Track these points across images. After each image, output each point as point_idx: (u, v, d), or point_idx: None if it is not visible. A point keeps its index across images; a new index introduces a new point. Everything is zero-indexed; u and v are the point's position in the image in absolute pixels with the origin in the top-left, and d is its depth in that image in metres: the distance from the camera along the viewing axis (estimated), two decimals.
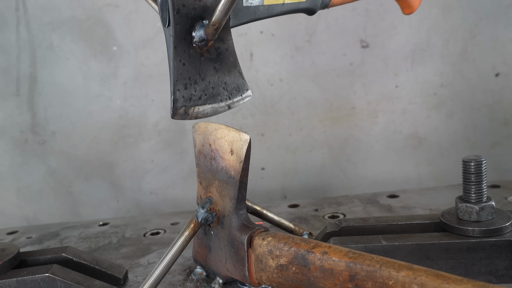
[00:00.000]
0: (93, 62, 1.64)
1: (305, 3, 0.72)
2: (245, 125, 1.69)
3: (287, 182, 1.75)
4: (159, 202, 1.74)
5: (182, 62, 0.62)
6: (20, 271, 0.64)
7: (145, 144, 1.70)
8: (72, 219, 1.73)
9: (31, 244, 1.02)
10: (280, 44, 1.66)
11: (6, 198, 1.71)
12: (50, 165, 1.70)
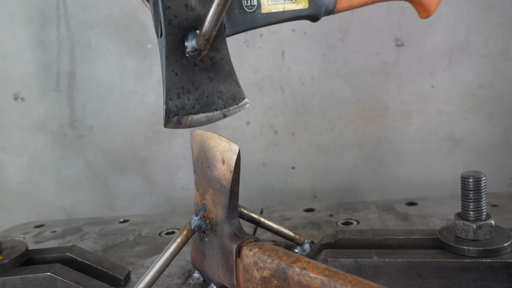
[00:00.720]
0: (129, 59, 1.68)
1: (307, 10, 0.71)
2: (275, 123, 1.68)
3: (317, 182, 1.73)
4: (190, 198, 1.77)
5: (175, 72, 0.63)
6: (25, 269, 0.68)
7: (178, 141, 1.73)
8: (107, 211, 1.79)
9: (54, 239, 1.07)
10: (312, 43, 1.64)
11: (46, 190, 1.79)
12: (87, 158, 1.76)
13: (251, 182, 1.75)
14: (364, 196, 1.71)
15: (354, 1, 0.74)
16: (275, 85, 1.67)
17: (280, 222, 1.01)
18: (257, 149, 1.72)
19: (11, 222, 1.79)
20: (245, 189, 1.75)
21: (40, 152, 1.76)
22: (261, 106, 1.69)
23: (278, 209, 1.11)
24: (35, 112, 1.73)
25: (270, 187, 1.76)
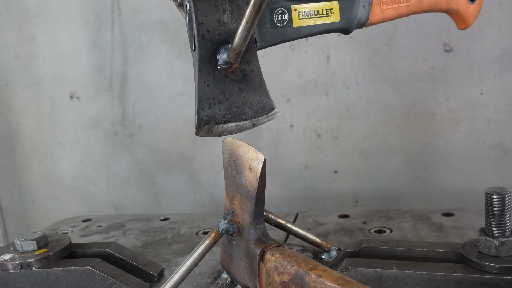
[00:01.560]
0: (177, 61, 1.74)
1: (338, 24, 0.72)
2: (319, 127, 1.69)
3: (360, 187, 1.73)
4: None
5: (207, 83, 0.66)
6: (67, 262, 0.73)
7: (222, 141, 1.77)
8: (153, 208, 1.86)
9: (99, 233, 1.13)
10: (357, 47, 1.63)
11: (98, 184, 1.88)
12: (136, 156, 1.83)
13: (293, 185, 1.76)
14: (407, 203, 1.69)
15: (387, 14, 0.74)
16: (320, 89, 1.67)
17: (313, 227, 1.02)
18: (300, 152, 1.73)
19: (64, 215, 1.89)
20: (287, 191, 1.77)
21: (92, 148, 1.85)
22: (305, 109, 1.70)
23: (313, 214, 1.12)
24: (89, 111, 1.82)
25: (312, 190, 1.77)
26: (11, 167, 1.92)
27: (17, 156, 1.91)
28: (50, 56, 1.80)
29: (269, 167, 1.76)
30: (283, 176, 1.76)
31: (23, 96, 1.85)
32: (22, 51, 1.81)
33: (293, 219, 1.08)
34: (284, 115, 1.72)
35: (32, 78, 1.83)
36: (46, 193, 1.93)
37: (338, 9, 0.72)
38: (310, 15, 0.70)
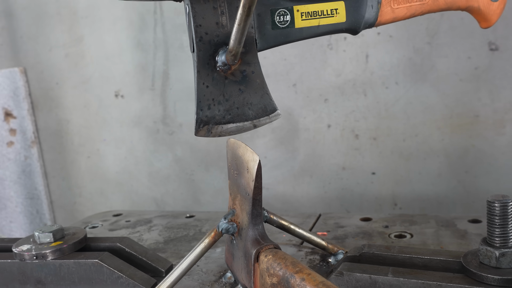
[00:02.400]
0: None
1: (344, 24, 0.71)
2: (357, 127, 1.66)
3: (399, 190, 1.68)
4: (269, 197, 1.81)
5: (206, 85, 0.67)
6: (79, 254, 0.76)
7: (260, 141, 1.78)
8: (192, 205, 1.90)
9: (126, 228, 1.17)
10: (398, 46, 1.59)
11: (140, 180, 1.94)
12: (176, 153, 1.88)
13: (330, 186, 1.75)
14: (449, 208, 1.63)
15: (399, 14, 0.72)
16: (358, 88, 1.64)
17: (333, 229, 1.01)
18: (337, 153, 1.71)
19: (108, 208, 1.97)
20: (323, 192, 1.76)
21: (135, 145, 1.91)
22: (343, 109, 1.68)
23: (335, 216, 1.10)
24: (132, 109, 1.88)
25: (349, 191, 1.74)
26: (60, 162, 2.02)
27: (66, 151, 2.00)
28: (97, 56, 1.87)
29: (305, 167, 1.75)
30: (320, 176, 1.75)
31: (72, 94, 1.93)
32: (71, 51, 1.90)
33: (315, 220, 1.08)
34: (322, 115, 1.70)
35: (81, 77, 1.91)
36: (92, 187, 2.01)
37: (344, 9, 0.70)
38: (313, 16, 0.69)
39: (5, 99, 1.95)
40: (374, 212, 1.74)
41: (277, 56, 1.71)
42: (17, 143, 1.99)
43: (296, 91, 1.71)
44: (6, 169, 2.01)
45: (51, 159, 2.03)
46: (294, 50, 1.69)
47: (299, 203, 1.79)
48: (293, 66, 1.70)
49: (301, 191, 1.78)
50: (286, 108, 1.73)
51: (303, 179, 1.77)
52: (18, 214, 2.04)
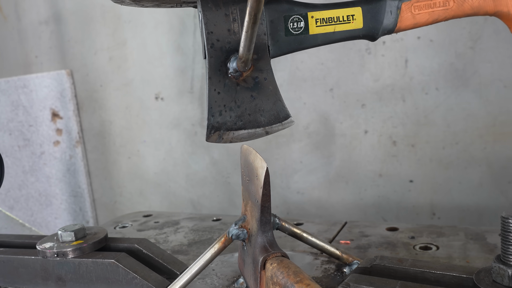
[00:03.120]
0: None
1: (361, 30, 0.69)
2: (394, 134, 1.62)
3: (437, 199, 1.63)
4: (304, 202, 1.80)
5: (217, 91, 0.67)
6: (98, 254, 0.78)
7: (296, 145, 1.77)
8: (228, 207, 1.91)
9: (154, 228, 1.19)
10: (438, 51, 1.55)
11: (178, 182, 1.97)
12: (213, 156, 1.90)
13: (366, 192, 1.71)
14: (490, 220, 1.57)
15: (420, 20, 0.69)
16: (396, 94, 1.61)
17: (356, 238, 0.99)
18: (374, 159, 1.68)
19: (147, 208, 2.01)
20: (359, 198, 1.73)
21: (174, 147, 1.94)
22: (380, 115, 1.64)
23: (361, 224, 1.08)
24: (171, 111, 1.92)
25: (385, 199, 1.70)
26: (103, 161, 2.09)
27: (108, 152, 2.06)
28: (138, 59, 1.92)
29: (341, 172, 1.72)
30: (355, 183, 1.72)
31: (114, 96, 1.99)
32: (114, 54, 1.95)
33: (340, 228, 1.06)
34: (359, 120, 1.68)
35: (123, 79, 1.96)
36: (132, 187, 2.06)
37: (361, 15, 0.69)
38: (329, 22, 0.68)
39: (53, 100, 2.03)
40: (411, 221, 1.69)
41: (314, 60, 1.70)
42: (63, 142, 2.07)
43: (333, 95, 1.69)
44: (52, 167, 2.09)
45: (94, 158, 2.09)
46: (331, 55, 1.67)
47: (334, 209, 1.77)
48: (330, 71, 1.68)
49: (337, 197, 1.76)
50: (322, 113, 1.71)
51: (339, 185, 1.75)
52: (62, 211, 2.12)
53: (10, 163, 2.18)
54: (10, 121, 2.13)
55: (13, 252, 0.81)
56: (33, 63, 2.11)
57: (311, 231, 1.06)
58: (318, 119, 1.73)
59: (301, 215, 1.83)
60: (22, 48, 2.13)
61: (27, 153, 2.13)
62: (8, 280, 0.82)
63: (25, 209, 2.19)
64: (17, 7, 2.07)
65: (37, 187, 2.15)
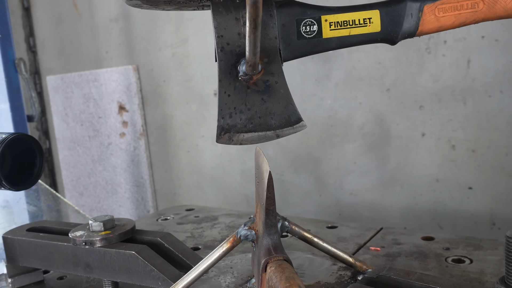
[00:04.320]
0: (310, 63, 1.76)
1: (379, 34, 0.66)
2: (453, 138, 1.55)
3: (498, 208, 1.54)
4: (357, 204, 1.77)
5: (227, 93, 0.67)
6: (122, 245, 0.82)
7: (350, 145, 1.74)
8: (280, 205, 1.91)
9: (192, 223, 1.22)
10: (504, 51, 1.46)
11: (233, 177, 2.01)
12: (268, 153, 1.91)
13: (421, 197, 1.65)
14: None
15: (445, 22, 0.65)
16: (457, 96, 1.53)
17: (388, 245, 0.96)
18: (431, 163, 1.61)
19: (204, 201, 2.07)
20: (414, 203, 1.67)
21: None
22: (439, 118, 1.57)
23: (396, 231, 1.04)
24: None
25: (442, 205, 1.63)
26: (164, 154, 2.17)
27: (169, 145, 2.14)
28: (199, 56, 1.97)
29: (396, 176, 1.67)
30: (411, 187, 1.66)
31: (176, 91, 2.06)
32: (177, 51, 2.02)
33: (374, 234, 1.03)
34: (416, 122, 1.62)
35: (184, 75, 2.02)
36: (190, 180, 2.12)
37: (379, 18, 0.66)
38: (343, 26, 0.66)
39: (120, 94, 2.14)
40: (469, 230, 1.61)
41: (371, 59, 1.66)
42: (128, 134, 2.17)
43: (389, 96, 1.64)
44: (118, 157, 2.20)
45: (156, 151, 2.18)
46: (389, 54, 1.62)
47: (387, 213, 1.72)
48: (387, 70, 1.63)
49: (390, 200, 1.71)
50: (378, 114, 1.67)
51: (393, 188, 1.70)
52: (126, 199, 2.23)
53: (81, 152, 2.33)
54: (82, 113, 2.27)
55: (49, 238, 0.87)
56: (103, 58, 2.23)
57: (345, 235, 1.05)
58: (373, 119, 1.69)
59: (353, 218, 1.80)
60: (94, 44, 2.26)
61: (96, 143, 2.26)
62: (45, 263, 0.88)
63: (93, 196, 2.33)
64: (91, 5, 2.19)
65: (104, 176, 2.27)
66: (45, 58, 2.52)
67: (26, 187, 0.85)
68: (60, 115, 2.36)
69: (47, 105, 2.51)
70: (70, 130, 2.33)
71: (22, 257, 0.89)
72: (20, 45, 2.46)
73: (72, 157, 2.36)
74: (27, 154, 0.88)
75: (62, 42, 2.42)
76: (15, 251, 0.90)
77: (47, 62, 2.52)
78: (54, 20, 2.45)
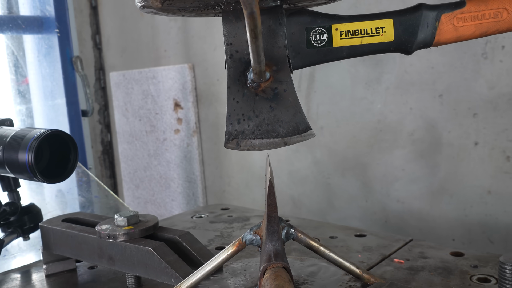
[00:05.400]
0: (361, 66, 1.73)
1: (392, 44, 0.63)
2: (509, 148, 1.47)
3: None
4: (404, 212, 1.72)
5: (236, 100, 0.68)
6: (142, 240, 0.84)
7: (399, 151, 1.70)
8: (326, 208, 1.90)
9: (224, 222, 1.24)
10: None
11: (280, 178, 2.01)
12: (315, 155, 1.90)
13: (471, 209, 1.58)
14: None
15: (465, 32, 0.62)
16: None
17: (413, 259, 0.92)
18: (483, 174, 1.54)
19: (251, 200, 2.09)
20: (464, 215, 1.60)
21: None
22: (494, 126, 1.50)
23: (425, 244, 1.00)
24: None
25: (493, 218, 1.55)
26: (215, 151, 2.21)
27: (220, 142, 2.18)
28: None
29: (446, 186, 1.61)
30: (461, 197, 1.59)
31: None
32: None
33: (401, 245, 1.00)
34: (469, 130, 1.55)
35: None
36: (239, 178, 2.15)
37: (392, 27, 0.64)
38: (355, 35, 0.65)
39: (176, 92, 2.20)
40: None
41: (424, 63, 1.60)
42: (182, 131, 2.23)
43: (442, 102, 1.58)
44: (172, 153, 2.27)
45: (208, 148, 2.23)
46: (443, 58, 1.56)
47: (435, 223, 1.66)
48: (440, 75, 1.58)
49: (439, 210, 1.65)
50: (429, 120, 1.62)
51: (442, 198, 1.63)
52: (178, 194, 2.30)
53: (139, 146, 2.43)
54: (141, 108, 2.36)
55: (79, 229, 0.92)
56: (162, 57, 2.31)
57: (371, 244, 1.02)
58: (424, 126, 1.63)
59: (399, 226, 1.75)
60: (154, 42, 2.34)
61: (152, 139, 2.34)
62: (74, 253, 0.93)
63: (148, 189, 2.42)
64: None
65: (159, 170, 2.35)
66: (109, 55, 2.64)
67: (59, 181, 0.91)
68: (120, 110, 2.46)
69: (109, 100, 2.64)
70: (129, 125, 2.43)
71: (55, 246, 0.95)
72: (87, 42, 2.60)
73: (130, 151, 2.47)
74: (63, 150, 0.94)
75: (125, 40, 2.53)
76: (50, 240, 0.96)
77: (111, 59, 2.64)
78: (118, 18, 2.56)
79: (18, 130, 0.93)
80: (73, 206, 1.55)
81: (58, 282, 0.95)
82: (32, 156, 0.86)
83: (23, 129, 0.93)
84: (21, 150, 0.87)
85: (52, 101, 1.91)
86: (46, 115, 1.99)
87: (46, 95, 1.95)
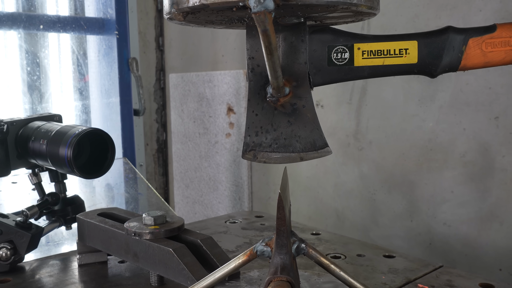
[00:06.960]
0: (415, 82, 1.69)
1: (416, 66, 0.62)
2: None
3: None
4: (450, 236, 1.66)
5: (255, 113, 0.69)
6: (165, 241, 0.86)
7: (448, 173, 1.64)
8: (370, 224, 1.86)
9: (255, 230, 1.24)
10: None
11: (326, 189, 2.00)
12: (362, 170, 1.87)
13: None
14: None
15: (493, 58, 0.59)
16: None
17: (440, 286, 0.89)
18: None
19: (295, 209, 2.08)
20: None
21: None
22: None
23: (455, 272, 0.95)
24: (329, 119, 1.94)
25: None
26: None
27: None
28: None
29: (496, 212, 1.54)
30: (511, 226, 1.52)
31: None
32: None
33: (430, 271, 0.96)
34: None
35: None
36: None
37: (416, 49, 0.62)
38: (377, 55, 0.64)
39: (229, 96, 2.24)
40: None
41: (481, 83, 1.54)
42: (233, 135, 2.26)
43: (497, 125, 1.52)
44: (222, 156, 2.31)
45: None
46: (501, 79, 1.50)
47: (483, 250, 1.59)
48: (498, 97, 1.51)
49: (487, 237, 1.57)
50: (482, 143, 1.55)
51: (491, 225, 1.56)
52: (225, 197, 2.33)
53: (191, 147, 2.48)
54: (196, 110, 2.42)
55: (110, 224, 0.96)
56: (219, 61, 2.36)
57: (398, 267, 1.00)
58: (477, 148, 1.57)
59: (444, 250, 1.69)
60: (213, 47, 2.39)
61: (204, 141, 2.39)
62: (104, 246, 0.97)
63: (197, 190, 2.47)
64: None
65: (208, 172, 2.40)
66: (170, 57, 2.72)
67: (95, 177, 0.96)
68: (177, 111, 2.54)
69: (167, 100, 2.72)
70: (184, 126, 2.50)
71: (88, 238, 1.00)
72: (150, 43, 2.70)
73: (183, 151, 2.53)
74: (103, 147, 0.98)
75: (186, 43, 2.60)
76: (84, 231, 1.01)
77: (171, 61, 2.72)
78: None
79: (63, 126, 0.99)
80: (119, 200, 1.62)
81: (89, 272, 1.00)
82: (71, 151, 0.91)
83: (67, 126, 0.98)
84: (62, 145, 0.92)
85: (107, 99, 2.00)
86: (101, 112, 2.09)
87: (102, 93, 2.05)
